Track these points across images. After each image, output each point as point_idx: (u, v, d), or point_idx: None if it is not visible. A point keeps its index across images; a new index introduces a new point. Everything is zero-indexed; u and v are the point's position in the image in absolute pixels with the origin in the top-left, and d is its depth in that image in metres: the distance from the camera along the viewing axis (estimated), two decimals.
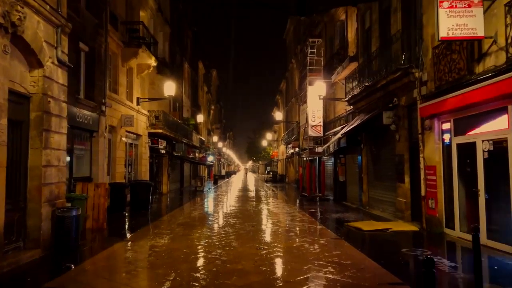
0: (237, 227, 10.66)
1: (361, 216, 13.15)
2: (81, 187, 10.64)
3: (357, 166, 16.25)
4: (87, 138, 14.29)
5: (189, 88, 37.76)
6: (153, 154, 23.10)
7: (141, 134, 20.29)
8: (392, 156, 12.58)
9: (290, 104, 39.15)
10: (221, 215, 13.91)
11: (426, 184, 10.10)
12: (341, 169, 18.43)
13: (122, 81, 17.45)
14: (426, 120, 10.06)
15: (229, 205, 17.64)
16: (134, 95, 19.29)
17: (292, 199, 20.90)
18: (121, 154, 17.25)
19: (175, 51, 30.45)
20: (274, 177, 46.20)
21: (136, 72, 19.47)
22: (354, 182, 16.96)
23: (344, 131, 13.11)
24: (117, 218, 12.95)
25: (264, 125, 71.41)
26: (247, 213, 14.06)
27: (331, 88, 20.49)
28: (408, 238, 9.40)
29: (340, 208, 15.84)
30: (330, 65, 21.22)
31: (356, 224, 10.70)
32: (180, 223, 11.50)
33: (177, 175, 31.75)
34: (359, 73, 15.23)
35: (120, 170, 17.01)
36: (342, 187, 18.47)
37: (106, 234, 9.86)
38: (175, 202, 20.27)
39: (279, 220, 12.22)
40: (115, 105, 16.47)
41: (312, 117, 20.32)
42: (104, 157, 14.99)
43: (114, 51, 16.65)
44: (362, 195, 15.55)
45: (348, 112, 17.29)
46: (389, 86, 11.88)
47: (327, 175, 21.04)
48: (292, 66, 37.61)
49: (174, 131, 25.37)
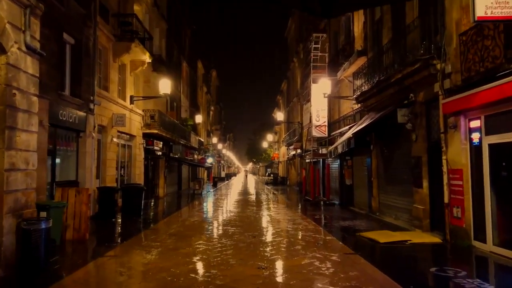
0: (236, 238, 9.47)
1: (372, 224, 11.96)
2: (61, 193, 9.45)
3: (366, 169, 15.07)
4: (73, 138, 13.12)
5: (187, 88, 36.62)
6: (148, 156, 21.93)
7: (135, 135, 19.12)
8: (407, 158, 11.40)
9: (291, 104, 37.99)
10: (219, 222, 12.72)
11: (450, 190, 8.92)
12: (348, 172, 17.25)
13: (113, 78, 16.30)
14: (450, 118, 8.88)
15: (228, 210, 16.45)
16: (127, 93, 18.13)
17: (295, 204, 19.71)
18: (112, 156, 16.08)
19: (173, 49, 29.32)
20: (275, 180, 45.00)
21: (129, 68, 18.31)
22: (362, 186, 15.78)
23: (354, 130, 11.95)
24: (105, 226, 11.78)
25: (265, 127, 70.25)
26: (247, 221, 12.88)
27: (336, 87, 19.33)
28: (431, 252, 8.22)
29: (348, 215, 14.65)
30: (335, 62, 20.08)
31: (370, 235, 9.51)
32: (173, 232, 10.32)
33: (174, 177, 30.57)
34: (368, 68, 14.06)
35: (111, 173, 15.83)
36: (349, 191, 17.29)
37: (87, 246, 8.68)
38: (171, 206, 19.08)
39: (282, 229, 11.03)
40: (106, 103, 15.31)
41: (316, 117, 19.15)
42: (93, 159, 13.82)
43: (104, 45, 15.50)
44: (371, 200, 14.36)
45: (356, 111, 16.12)
46: (404, 80, 10.71)
47: (332, 178, 19.87)
48: (293, 65, 36.47)
49: (171, 132, 24.21)
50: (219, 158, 64.98)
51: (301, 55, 31.59)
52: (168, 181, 27.37)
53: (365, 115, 14.50)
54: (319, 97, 19.15)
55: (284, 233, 10.28)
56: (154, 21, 23.37)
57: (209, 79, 57.45)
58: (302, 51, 31.26)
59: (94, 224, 12.25)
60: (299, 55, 32.79)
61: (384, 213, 13.37)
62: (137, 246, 8.61)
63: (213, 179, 40.58)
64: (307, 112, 20.59)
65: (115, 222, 12.65)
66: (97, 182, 15.07)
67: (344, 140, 12.08)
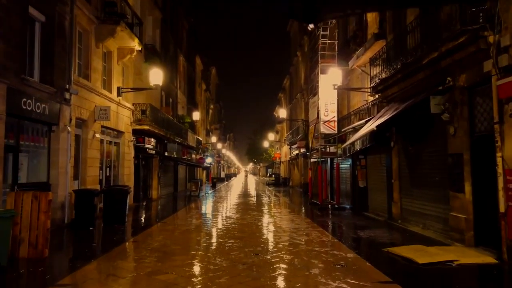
0: (234, 256, 7.52)
1: (396, 235, 10.03)
2: (14, 199, 7.51)
3: (385, 169, 13.13)
4: (43, 132, 11.19)
5: (184, 83, 34.70)
6: (139, 155, 19.99)
7: (123, 131, 17.19)
8: (441, 156, 9.46)
9: (294, 101, 36.04)
10: (214, 233, 10.77)
11: (508, 196, 6.97)
12: (361, 173, 15.30)
13: (96, 66, 14.36)
14: (508, 104, 6.94)
15: (226, 216, 14.50)
16: (114, 84, 16.20)
17: (300, 208, 17.75)
18: (95, 154, 14.14)
19: (168, 40, 27.39)
20: (277, 180, 43.03)
21: (116, 56, 16.37)
22: (379, 189, 13.84)
23: (376, 123, 9.99)
24: (77, 237, 9.85)
25: (266, 126, 68.21)
26: (247, 230, 10.93)
27: (345, 79, 17.39)
28: (492, 278, 6.28)
29: (364, 222, 12.71)
30: (344, 52, 18.13)
31: (402, 252, 7.55)
32: (156, 247, 8.37)
33: (170, 178, 28.61)
34: (388, 52, 12.11)
35: (93, 173, 13.89)
36: (362, 194, 15.34)
37: (42, 268, 6.73)
38: (162, 211, 17.14)
39: (291, 242, 9.06)
40: (87, 93, 13.38)
41: (325, 111, 17.20)
42: (68, 158, 11.88)
43: (85, 27, 13.56)
44: (392, 205, 12.41)
45: (372, 103, 14.18)
46: (441, 61, 8.77)
47: (342, 179, 17.92)
48: (297, 60, 34.52)
49: (165, 129, 22.27)
50: (218, 158, 62.99)
51: (305, 48, 29.65)
52: (162, 182, 25.43)
53: (384, 108, 12.54)
54: (327, 89, 17.20)
55: (294, 248, 8.31)
56: (147, 8, 21.44)
57: (208, 77, 55.54)
58: (306, 43, 29.33)
59: (67, 234, 10.36)
60: (303, 48, 30.85)
61: (408, 220, 11.42)
62: (105, 269, 6.65)
63: (212, 180, 38.60)
64: (314, 106, 18.65)
65: (93, 232, 10.72)
66: (76, 184, 13.16)
67: (364, 135, 10.14)
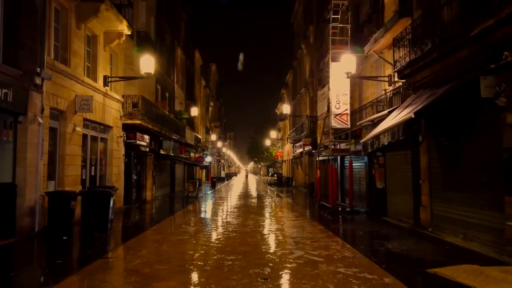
0: (235, 283, 5.70)
1: (431, 248, 8.26)
2: None
3: (410, 168, 11.30)
4: (7, 124, 9.40)
5: (182, 78, 32.90)
6: (130, 152, 18.19)
7: (111, 126, 15.38)
8: (491, 152, 7.65)
9: (298, 96, 34.20)
10: (211, 245, 8.95)
11: None
12: (379, 172, 13.48)
13: (77, 50, 12.55)
14: None
15: (226, 222, 12.70)
16: (100, 73, 14.38)
17: (309, 212, 15.94)
18: (76, 151, 12.34)
19: (164, 30, 25.59)
20: (280, 180, 41.18)
21: (102, 41, 14.56)
22: (402, 191, 12.03)
23: (416, 108, 8.10)
24: (42, 250, 8.09)
25: (267, 124, 66.33)
26: (251, 242, 9.11)
27: (357, 68, 15.53)
28: None
29: (386, 229, 10.91)
30: (357, 38, 16.32)
31: (456, 276, 5.74)
32: (135, 267, 6.55)
33: (166, 178, 26.80)
34: (415, 31, 10.28)
35: (73, 172, 12.10)
36: (381, 196, 13.52)
37: None
38: (154, 215, 15.37)
39: (306, 260, 7.21)
40: (65, 80, 11.58)
41: (336, 103, 15.36)
42: (40, 154, 10.08)
43: (63, 4, 11.75)
44: (419, 210, 10.59)
45: (394, 91, 12.35)
46: (496, 30, 6.95)
47: (355, 179, 16.09)
48: (301, 53, 32.67)
49: (160, 124, 20.47)
50: (218, 157, 61.17)
51: (311, 39, 27.83)
52: (157, 182, 23.63)
53: (410, 97, 10.72)
54: (339, 78, 15.38)
55: (313, 269, 6.48)
56: None
57: (208, 73, 53.71)
58: (312, 34, 27.51)
59: (33, 245, 8.57)
60: (308, 40, 29.01)
61: (441, 229, 9.60)
62: None
63: (212, 179, 36.77)
64: (323, 98, 16.82)
65: (66, 242, 8.94)
66: (52, 185, 11.36)
67: (395, 126, 8.28)
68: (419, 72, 9.87)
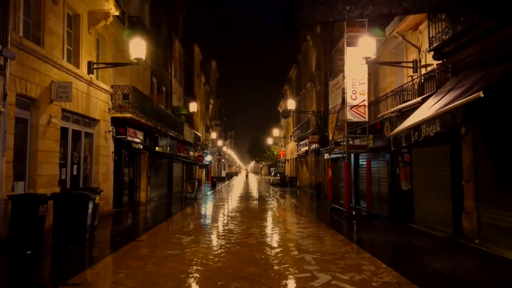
0: None
1: (493, 268, 6.43)
2: None
3: (447, 166, 9.46)
4: None
5: (181, 72, 31.09)
6: (122, 150, 16.38)
7: (98, 119, 13.59)
8: None
9: (303, 91, 32.36)
10: (208, 264, 7.12)
11: None
12: (405, 172, 11.67)
13: (54, 29, 10.75)
14: None
15: (227, 230, 10.89)
16: (83, 57, 12.58)
17: (321, 216, 14.10)
18: (52, 146, 10.53)
19: (160, 19, 23.77)
20: (283, 180, 39.31)
21: (86, 22, 12.76)
22: (435, 193, 10.22)
23: (480, 86, 6.24)
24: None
25: (269, 123, 64.42)
26: (259, 260, 7.29)
27: None
28: None
29: (419, 240, 9.10)
30: (371, 21, 14.48)
31: None
32: None
33: (163, 178, 24.96)
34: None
35: (48, 171, 10.29)
36: (406, 199, 11.70)
37: None
38: (145, 220, 13.58)
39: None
40: (37, 63, 9.78)
41: (352, 93, 13.55)
42: (2, 149, 8.27)
43: None
44: (462, 217, 8.77)
45: (426, 75, 10.52)
46: None
47: (374, 180, 14.25)
48: (306, 45, 30.83)
49: (154, 119, 18.68)
50: (219, 156, 59.39)
51: (318, 28, 25.99)
52: (153, 182, 21.83)
53: (450, 80, 8.89)
54: (356, 65, 13.56)
55: None
56: None
57: (208, 70, 51.93)
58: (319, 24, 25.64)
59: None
60: (314, 31, 27.18)
61: (493, 241, 7.78)
62: None
63: (212, 179, 34.95)
64: (337, 89, 14.98)
65: (27, 258, 7.14)
66: (21, 186, 9.56)
67: (449, 110, 6.39)
68: (466, 48, 8.05)
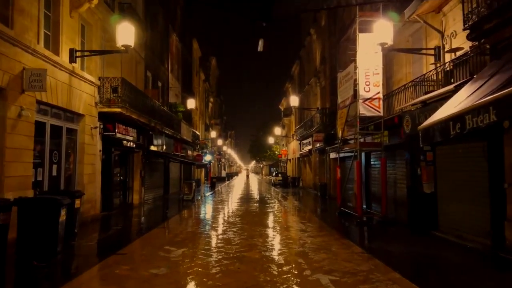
0: None
1: None
2: None
3: (484, 166, 8.05)
4: None
5: (178, 67, 29.70)
6: (111, 148, 14.97)
7: (82, 114, 12.19)
8: None
9: (306, 88, 30.94)
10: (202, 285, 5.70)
11: None
12: (427, 172, 10.26)
13: (27, 9, 9.34)
14: None
15: (224, 240, 9.47)
16: (64, 44, 11.19)
17: (330, 222, 12.67)
18: (24, 143, 9.12)
19: (156, 10, 22.39)
20: (285, 181, 37.86)
21: (68, 4, 11.38)
22: (467, 197, 8.81)
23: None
24: None
25: (270, 122, 62.96)
26: (265, 284, 5.89)
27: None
28: None
29: (451, 253, 7.71)
30: (384, 6, 13.07)
31: None
32: None
33: (158, 178, 23.53)
34: None
35: (18, 172, 8.88)
36: (429, 203, 10.28)
37: None
38: (134, 226, 12.17)
39: None
40: (5, 46, 8.37)
41: (366, 85, 12.15)
42: None
43: None
44: (505, 226, 7.35)
45: (454, 61, 9.10)
46: None
47: (389, 182, 12.84)
48: (310, 39, 29.41)
49: (148, 116, 17.27)
50: (219, 156, 57.97)
51: (323, 21, 24.58)
52: (148, 183, 20.43)
53: (490, 64, 7.48)
54: (369, 54, 12.17)
55: None
56: None
57: (208, 67, 50.49)
58: (324, 15, 24.23)
59: None
60: (318, 24, 25.76)
61: None
62: None
63: (211, 179, 33.53)
64: (347, 81, 13.57)
65: None
66: None
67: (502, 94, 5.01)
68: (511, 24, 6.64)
